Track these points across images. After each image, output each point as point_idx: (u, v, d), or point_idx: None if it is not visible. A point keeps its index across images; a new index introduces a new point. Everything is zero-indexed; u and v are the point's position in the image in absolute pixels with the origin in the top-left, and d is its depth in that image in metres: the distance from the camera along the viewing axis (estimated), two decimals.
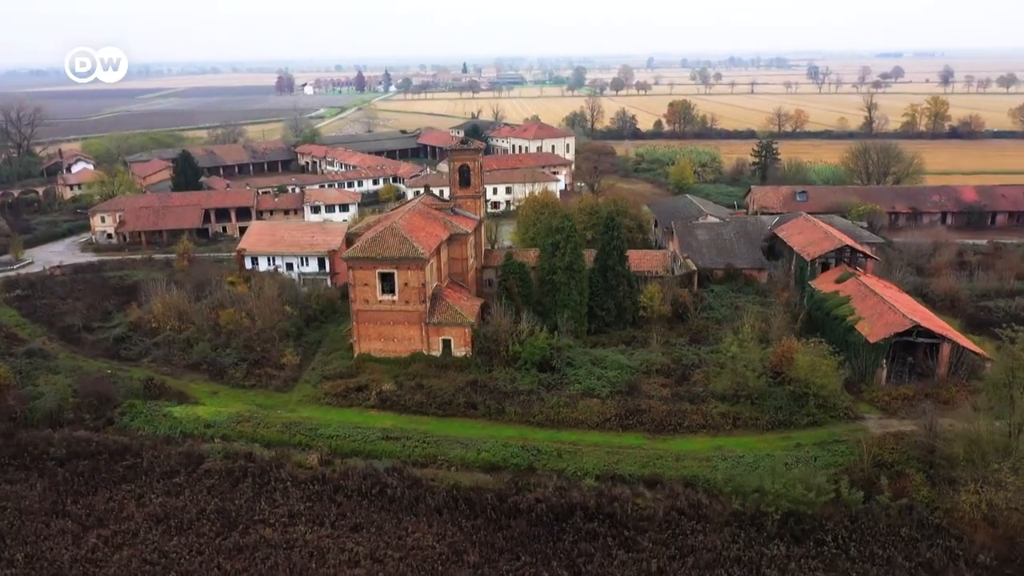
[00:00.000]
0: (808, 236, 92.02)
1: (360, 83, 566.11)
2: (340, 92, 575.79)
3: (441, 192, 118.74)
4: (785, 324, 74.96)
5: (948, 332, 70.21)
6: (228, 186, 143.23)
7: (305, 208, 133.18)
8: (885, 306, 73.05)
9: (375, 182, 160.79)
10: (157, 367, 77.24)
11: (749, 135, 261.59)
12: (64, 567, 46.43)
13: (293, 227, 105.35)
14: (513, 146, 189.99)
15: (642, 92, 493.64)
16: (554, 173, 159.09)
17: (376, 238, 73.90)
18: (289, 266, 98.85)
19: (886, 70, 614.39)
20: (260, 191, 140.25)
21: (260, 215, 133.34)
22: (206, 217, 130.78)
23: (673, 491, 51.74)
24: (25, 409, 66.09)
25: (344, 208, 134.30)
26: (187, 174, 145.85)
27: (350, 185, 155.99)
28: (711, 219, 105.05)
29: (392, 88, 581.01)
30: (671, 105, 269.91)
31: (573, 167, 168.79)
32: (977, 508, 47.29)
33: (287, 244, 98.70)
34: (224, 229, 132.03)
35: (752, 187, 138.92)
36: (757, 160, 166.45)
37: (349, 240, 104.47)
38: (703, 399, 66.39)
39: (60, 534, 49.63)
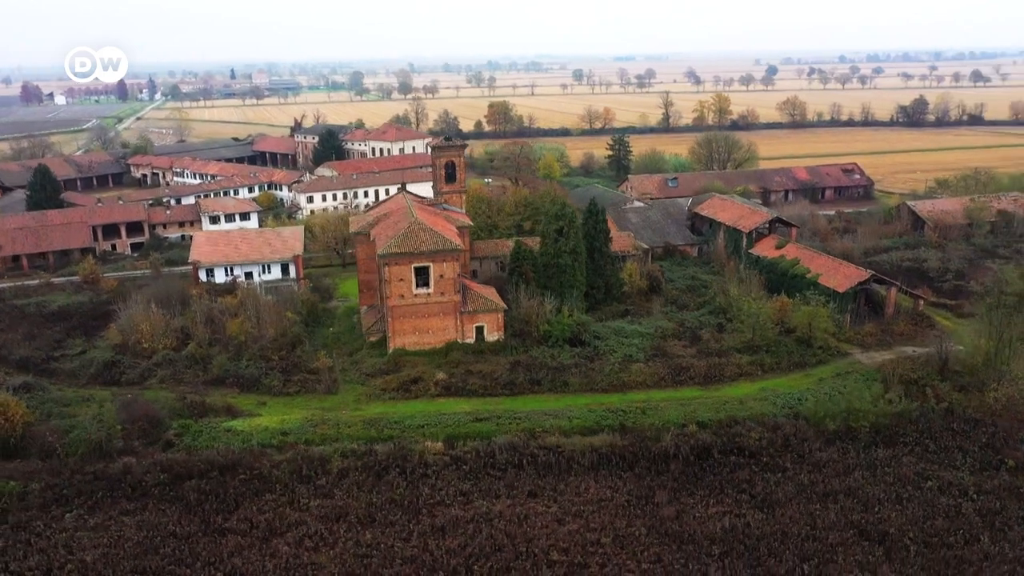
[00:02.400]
0: (734, 212, 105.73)
1: (122, 91, 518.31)
2: (98, 101, 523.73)
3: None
4: (759, 284, 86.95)
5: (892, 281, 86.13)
6: (99, 201, 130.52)
7: (203, 219, 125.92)
8: (835, 263, 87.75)
9: (250, 190, 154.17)
10: (172, 387, 72.61)
11: (563, 133, 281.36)
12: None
13: (244, 235, 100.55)
14: (373, 148, 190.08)
15: (429, 96, 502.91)
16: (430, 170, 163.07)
17: (407, 234, 75.21)
18: (248, 275, 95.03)
19: (639, 72, 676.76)
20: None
21: (153, 229, 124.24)
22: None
23: (777, 424, 60.49)
24: (63, 443, 60.26)
25: (245, 217, 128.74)
26: (46, 190, 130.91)
27: (226, 194, 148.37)
28: (637, 204, 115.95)
29: (159, 96, 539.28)
30: (491, 106, 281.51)
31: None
32: (999, 401, 61.18)
33: (244, 253, 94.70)
34: (114, 247, 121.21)
35: (629, 176, 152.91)
36: (612, 153, 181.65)
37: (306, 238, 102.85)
38: (725, 353, 76.18)
39: (240, 549, 47.74)
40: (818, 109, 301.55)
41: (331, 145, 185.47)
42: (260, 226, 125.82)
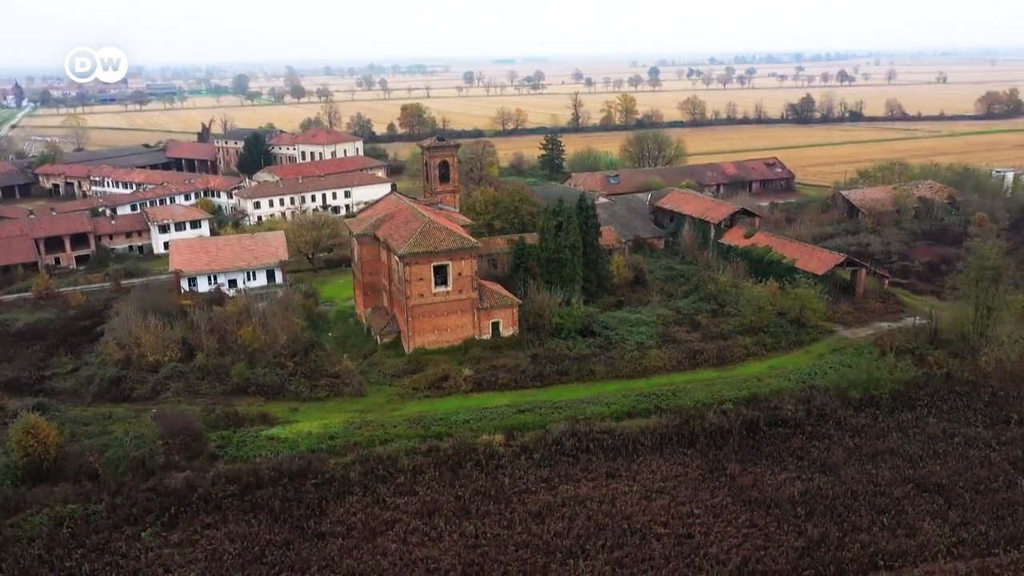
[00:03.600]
0: (700, 205, 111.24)
1: None
2: None
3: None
4: (745, 271, 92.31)
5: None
6: (31, 213, 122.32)
7: (152, 228, 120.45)
8: (806, 248, 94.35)
9: (187, 197, 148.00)
10: (189, 400, 70.15)
11: (478, 134, 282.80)
12: (402, 572, 45.56)
13: (226, 242, 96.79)
14: (303, 152, 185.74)
15: (324, 99, 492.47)
16: (372, 173, 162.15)
17: (423, 233, 75.52)
18: (231, 283, 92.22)
19: (528, 74, 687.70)
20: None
21: (99, 240, 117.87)
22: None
23: (807, 397, 65.07)
24: (101, 462, 57.63)
25: (196, 225, 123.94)
26: None
27: (163, 202, 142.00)
28: (602, 200, 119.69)
29: (26, 103, 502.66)
30: (404, 108, 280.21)
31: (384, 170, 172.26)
32: (989, 364, 68.28)
33: (228, 260, 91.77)
34: (57, 260, 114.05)
35: (572, 174, 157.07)
36: (545, 152, 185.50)
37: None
38: (728, 336, 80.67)
39: (346, 551, 47.49)
40: (713, 108, 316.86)
41: (258, 150, 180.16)
42: (212, 234, 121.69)
